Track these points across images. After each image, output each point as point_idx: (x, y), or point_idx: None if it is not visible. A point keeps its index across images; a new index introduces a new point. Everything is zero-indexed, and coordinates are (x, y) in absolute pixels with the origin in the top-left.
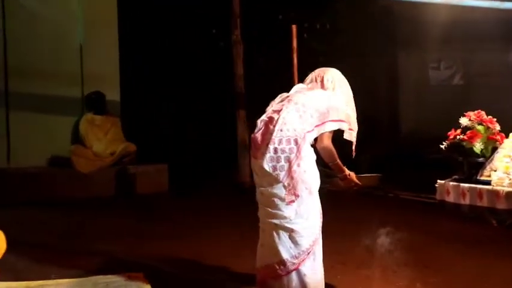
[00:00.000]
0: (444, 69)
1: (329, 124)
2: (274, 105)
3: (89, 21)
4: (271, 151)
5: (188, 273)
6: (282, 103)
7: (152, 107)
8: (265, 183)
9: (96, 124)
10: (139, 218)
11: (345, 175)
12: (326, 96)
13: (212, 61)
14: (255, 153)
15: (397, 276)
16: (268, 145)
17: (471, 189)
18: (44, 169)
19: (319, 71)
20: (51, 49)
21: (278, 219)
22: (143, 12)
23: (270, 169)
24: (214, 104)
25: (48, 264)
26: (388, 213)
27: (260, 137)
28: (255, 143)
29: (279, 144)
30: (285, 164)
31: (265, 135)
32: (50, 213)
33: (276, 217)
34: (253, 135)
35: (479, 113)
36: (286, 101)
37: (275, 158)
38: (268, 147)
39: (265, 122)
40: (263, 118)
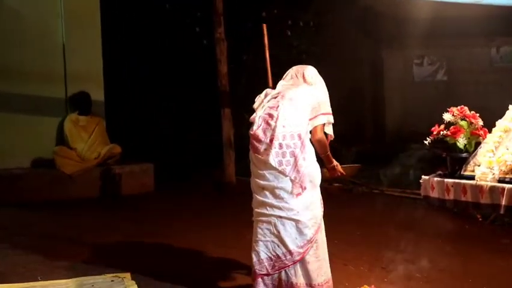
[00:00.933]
0: (427, 65)
1: (320, 117)
2: (268, 101)
3: (72, 21)
4: (276, 146)
5: (175, 271)
6: (275, 100)
7: (136, 107)
8: (270, 177)
9: (80, 125)
10: (125, 218)
11: (333, 166)
12: (313, 90)
13: (196, 59)
14: (257, 149)
15: (385, 272)
16: (273, 141)
17: (455, 184)
18: (28, 170)
19: (297, 68)
20: (34, 49)
21: (284, 211)
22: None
23: (276, 164)
24: (198, 103)
25: (33, 266)
26: (373, 210)
27: (262, 133)
28: (256, 139)
29: (283, 140)
30: (291, 159)
31: (267, 132)
32: (34, 215)
33: (282, 209)
34: (254, 132)
35: (462, 109)
36: (279, 97)
37: (280, 153)
38: (272, 143)
39: (265, 119)
40: (261, 115)
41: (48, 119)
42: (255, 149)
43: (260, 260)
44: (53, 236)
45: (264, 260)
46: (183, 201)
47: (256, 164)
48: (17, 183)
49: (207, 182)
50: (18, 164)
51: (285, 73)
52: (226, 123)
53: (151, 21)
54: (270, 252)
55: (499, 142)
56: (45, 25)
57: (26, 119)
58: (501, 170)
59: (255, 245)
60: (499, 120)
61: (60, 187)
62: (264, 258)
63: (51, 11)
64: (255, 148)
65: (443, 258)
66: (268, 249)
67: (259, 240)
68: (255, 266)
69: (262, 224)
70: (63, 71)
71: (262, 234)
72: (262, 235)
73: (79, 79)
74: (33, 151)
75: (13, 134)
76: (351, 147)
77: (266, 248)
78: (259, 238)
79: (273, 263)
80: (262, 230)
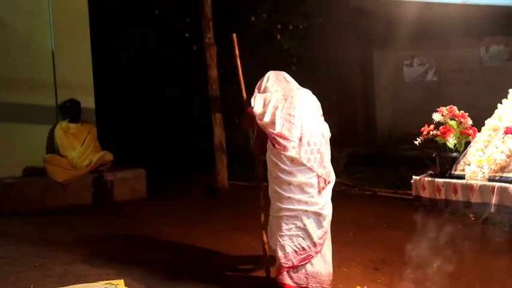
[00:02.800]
0: (417, 66)
1: (321, 118)
2: (279, 102)
3: (61, 29)
4: (305, 144)
5: (168, 278)
6: (287, 101)
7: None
8: (298, 173)
9: (71, 132)
10: (118, 224)
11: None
12: (309, 93)
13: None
14: (285, 147)
15: (378, 273)
16: (302, 139)
17: (446, 184)
18: (20, 179)
19: (275, 73)
20: (23, 57)
21: (310, 205)
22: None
23: (306, 161)
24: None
25: (26, 275)
26: (366, 211)
27: (287, 132)
28: (283, 138)
29: (311, 138)
30: (318, 156)
31: (292, 130)
32: (26, 223)
33: (308, 204)
34: (279, 132)
35: (451, 108)
36: (289, 98)
37: (309, 151)
38: (301, 141)
39: (286, 119)
40: (281, 115)
41: (39, 127)
42: (283, 147)
43: (286, 254)
44: (45, 244)
45: (289, 253)
46: (176, 207)
47: (281, 161)
48: (9, 192)
49: (200, 187)
50: (9, 173)
51: (262, 80)
52: (218, 128)
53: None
54: (296, 246)
55: (488, 141)
56: (34, 33)
57: (16, 128)
58: (491, 169)
59: (279, 240)
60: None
61: (52, 195)
62: (289, 251)
63: (40, 19)
64: (282, 146)
65: (436, 258)
66: (294, 243)
67: (284, 234)
68: (281, 260)
69: (288, 218)
70: (53, 79)
71: (287, 229)
72: (287, 229)
73: (68, 87)
74: (24, 160)
75: (4, 143)
76: (343, 149)
77: (291, 241)
78: (284, 232)
79: (298, 255)
80: (288, 225)
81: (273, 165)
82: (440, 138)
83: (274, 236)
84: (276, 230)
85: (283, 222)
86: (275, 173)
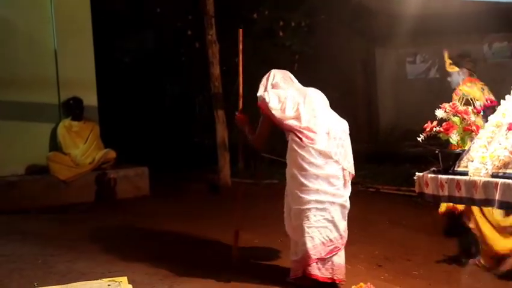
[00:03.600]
0: (420, 63)
1: None
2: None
3: (63, 27)
4: (332, 138)
5: (171, 275)
6: (306, 99)
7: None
8: (326, 166)
9: (74, 130)
10: (121, 222)
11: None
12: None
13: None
14: (313, 140)
15: (381, 270)
16: (329, 133)
17: (449, 180)
18: (23, 177)
19: (281, 72)
20: (26, 56)
21: (337, 198)
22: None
23: (333, 154)
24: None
25: (29, 272)
26: (369, 208)
27: (314, 126)
28: (311, 131)
29: (336, 133)
30: (342, 150)
31: (319, 125)
32: (29, 221)
33: (335, 196)
34: (306, 126)
35: (454, 105)
36: (307, 97)
37: (335, 145)
38: (329, 135)
39: (311, 114)
40: (306, 111)
41: (42, 125)
42: (311, 139)
43: (315, 245)
44: (48, 241)
45: (318, 245)
46: (178, 204)
47: (310, 154)
48: (12, 191)
49: (202, 184)
50: (12, 171)
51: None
52: (220, 126)
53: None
54: (323, 238)
55: (491, 137)
56: (36, 32)
57: (19, 126)
58: (494, 165)
59: (309, 231)
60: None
61: (55, 193)
62: (318, 243)
63: (42, 17)
64: (310, 139)
65: (439, 255)
66: (321, 235)
67: (313, 226)
68: (310, 251)
69: (316, 210)
70: (55, 77)
71: (315, 220)
72: (315, 221)
73: (71, 84)
74: (27, 158)
75: (7, 141)
76: None
77: (319, 233)
78: (313, 224)
79: (326, 247)
80: (315, 216)
81: (299, 158)
82: (443, 135)
83: (299, 229)
84: (303, 222)
85: (312, 214)
86: (302, 166)
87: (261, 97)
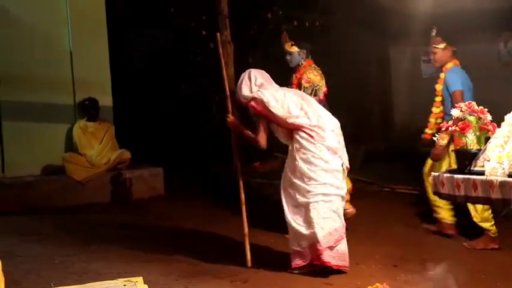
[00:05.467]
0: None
1: None
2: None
3: (78, 28)
4: (335, 135)
5: (187, 275)
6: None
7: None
8: (333, 161)
9: (89, 131)
10: (136, 222)
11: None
12: None
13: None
14: (323, 137)
15: (397, 270)
16: (334, 130)
17: (465, 180)
18: (39, 178)
19: (260, 72)
20: (42, 57)
21: (340, 190)
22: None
23: (337, 149)
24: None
25: (46, 272)
26: (384, 208)
27: (323, 124)
28: (321, 129)
29: (337, 130)
30: (341, 145)
31: (323, 123)
32: (46, 222)
33: (339, 188)
34: (316, 124)
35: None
36: (304, 97)
37: (337, 141)
38: (334, 132)
39: (315, 113)
40: (310, 111)
41: (57, 126)
42: (321, 137)
43: (325, 235)
44: (64, 242)
45: (327, 234)
46: (194, 205)
47: (320, 150)
48: (28, 191)
49: (217, 184)
50: (28, 172)
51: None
52: None
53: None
54: (330, 228)
55: (508, 137)
56: (52, 33)
57: (35, 127)
58: (511, 165)
59: (319, 222)
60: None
61: (71, 193)
62: (326, 233)
63: (58, 19)
64: (321, 137)
65: (455, 255)
66: (328, 225)
67: (322, 217)
68: (321, 241)
69: (325, 202)
70: (71, 78)
71: (324, 212)
72: (324, 212)
73: (86, 86)
74: (43, 158)
75: (23, 142)
76: (359, 146)
77: (326, 224)
78: (321, 215)
79: (333, 236)
80: (323, 208)
81: (309, 154)
82: (459, 134)
83: (306, 220)
84: (311, 213)
85: (320, 206)
86: (312, 162)
87: (252, 97)
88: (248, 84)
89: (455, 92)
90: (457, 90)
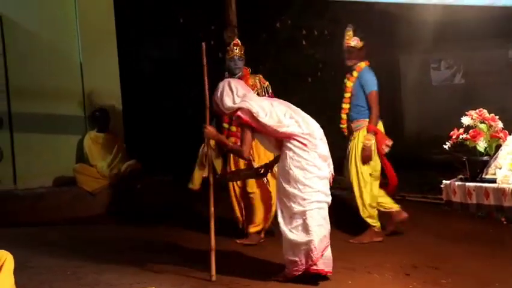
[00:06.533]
0: (444, 69)
1: None
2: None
3: (88, 40)
4: (324, 143)
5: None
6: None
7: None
8: (325, 169)
9: (100, 142)
10: (148, 232)
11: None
12: None
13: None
14: (315, 145)
15: (409, 279)
16: (322, 139)
17: (477, 188)
18: (50, 189)
19: (238, 82)
20: (52, 69)
21: (328, 197)
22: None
23: (326, 157)
24: None
25: (59, 284)
26: None
27: (314, 133)
28: (313, 137)
29: (324, 138)
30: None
31: (313, 132)
32: (57, 233)
33: (327, 195)
34: (308, 132)
35: (480, 112)
36: (285, 104)
37: (324, 148)
38: (323, 140)
39: (305, 122)
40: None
41: (68, 137)
42: (314, 145)
43: (319, 242)
44: (76, 253)
45: (320, 241)
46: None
47: (313, 158)
48: (39, 202)
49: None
50: (39, 183)
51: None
52: None
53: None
54: (322, 235)
55: None
56: (62, 45)
57: (46, 138)
58: None
59: (315, 229)
60: None
61: (82, 204)
62: (320, 239)
63: (68, 31)
64: (314, 145)
65: (468, 263)
66: (321, 232)
67: (317, 224)
68: (318, 248)
69: (319, 210)
70: (81, 89)
71: (317, 219)
72: (317, 219)
73: (97, 97)
74: (54, 170)
75: (34, 153)
76: None
77: (320, 231)
78: (317, 223)
79: (323, 243)
80: (317, 216)
81: (303, 162)
82: (470, 142)
83: (302, 229)
84: (307, 221)
85: (315, 213)
86: (307, 169)
87: (238, 107)
88: (230, 95)
89: (372, 92)
90: (374, 91)
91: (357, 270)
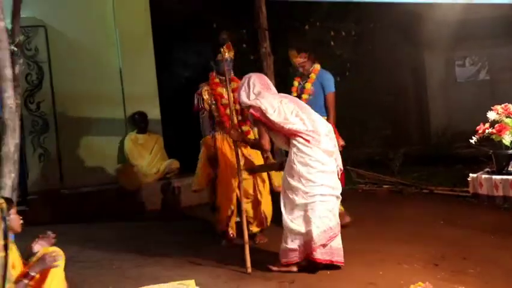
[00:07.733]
0: (469, 66)
1: None
2: (295, 106)
3: (127, 47)
4: (330, 139)
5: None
6: (298, 106)
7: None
8: (330, 163)
9: (140, 143)
10: (186, 228)
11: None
12: None
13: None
14: (319, 141)
15: (438, 269)
16: (327, 135)
17: (503, 180)
18: (95, 188)
19: (259, 77)
20: (93, 74)
21: (335, 190)
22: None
23: (332, 152)
24: None
25: (104, 277)
26: (423, 209)
27: (318, 129)
28: (317, 134)
29: (331, 134)
30: (336, 148)
31: (319, 128)
32: (102, 230)
33: (334, 188)
34: (312, 129)
35: (506, 107)
36: (298, 103)
37: (332, 145)
38: (329, 136)
39: (310, 119)
40: (306, 117)
41: (110, 139)
42: (317, 141)
43: (319, 233)
44: (120, 247)
45: (321, 232)
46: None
47: (316, 153)
48: (85, 201)
49: None
50: (85, 182)
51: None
52: None
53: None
54: (325, 226)
55: None
56: (102, 53)
57: (89, 140)
58: None
59: (316, 221)
60: None
61: (124, 202)
62: (321, 231)
63: (108, 40)
64: (317, 141)
65: (496, 253)
66: (324, 224)
67: (318, 216)
68: (316, 239)
69: (322, 202)
70: (121, 93)
71: (321, 211)
72: (320, 211)
73: (136, 100)
74: (98, 170)
75: (80, 155)
76: (398, 149)
77: (323, 223)
78: (318, 215)
79: (327, 234)
80: (320, 208)
81: (307, 158)
82: (496, 136)
83: (304, 220)
84: (308, 213)
85: (317, 206)
86: (310, 165)
87: (251, 105)
88: (246, 91)
89: (331, 93)
90: (332, 92)
91: (387, 261)
